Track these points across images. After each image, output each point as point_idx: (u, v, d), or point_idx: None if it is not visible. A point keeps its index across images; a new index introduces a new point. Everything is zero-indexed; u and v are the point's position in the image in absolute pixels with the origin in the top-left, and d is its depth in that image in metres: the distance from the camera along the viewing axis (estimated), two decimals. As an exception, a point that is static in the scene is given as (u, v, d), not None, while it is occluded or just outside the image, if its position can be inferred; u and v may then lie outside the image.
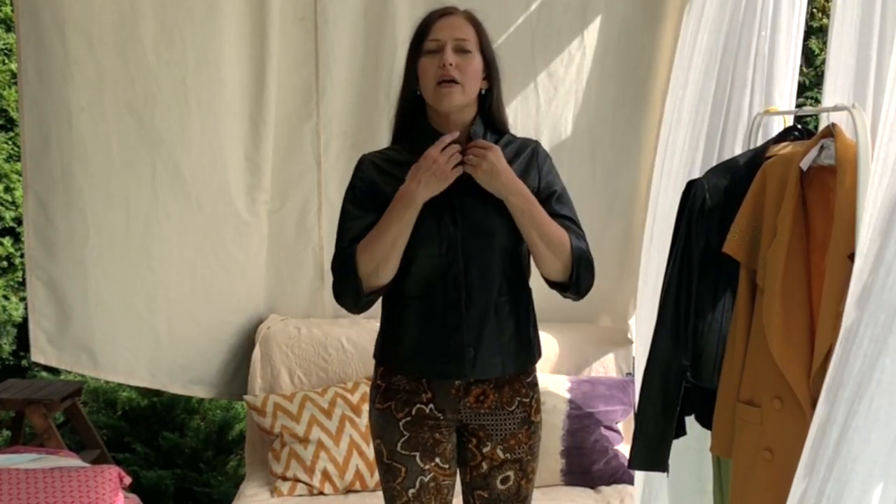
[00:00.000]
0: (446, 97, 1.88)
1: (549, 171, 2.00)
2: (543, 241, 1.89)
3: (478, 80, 1.93)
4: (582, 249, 1.93)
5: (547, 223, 1.89)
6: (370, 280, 1.89)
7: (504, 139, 2.00)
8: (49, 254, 2.91)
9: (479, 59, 1.93)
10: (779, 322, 1.85)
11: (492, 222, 1.91)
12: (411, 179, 1.85)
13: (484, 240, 1.91)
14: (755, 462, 1.90)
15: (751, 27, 2.36)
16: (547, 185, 1.97)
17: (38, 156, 2.86)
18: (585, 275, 1.94)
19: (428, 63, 1.90)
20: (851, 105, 1.87)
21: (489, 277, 1.92)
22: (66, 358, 2.98)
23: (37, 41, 2.78)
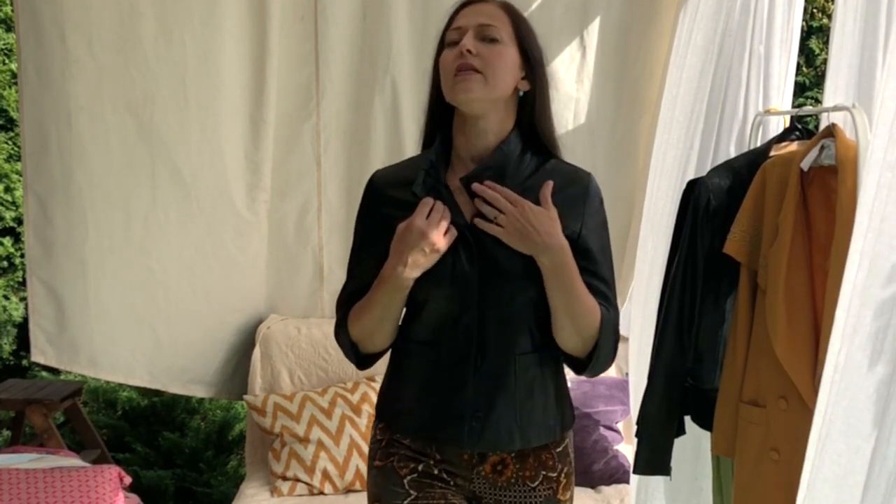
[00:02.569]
0: (462, 88, 1.55)
1: (596, 217, 1.64)
2: (569, 316, 1.57)
3: (509, 75, 1.59)
4: (610, 327, 1.60)
5: (580, 295, 1.56)
6: (365, 345, 1.66)
7: (550, 164, 1.64)
8: (49, 254, 2.90)
9: (512, 52, 1.59)
10: (782, 322, 1.86)
11: (517, 264, 1.56)
12: (396, 257, 1.55)
13: (506, 285, 1.58)
14: (761, 462, 1.90)
15: (745, 27, 2.36)
16: (588, 235, 1.61)
17: (38, 155, 2.85)
18: (604, 358, 1.62)
19: (447, 56, 1.60)
20: (851, 105, 1.87)
21: (510, 329, 1.60)
22: (66, 358, 2.98)
23: (36, 41, 2.78)
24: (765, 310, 1.91)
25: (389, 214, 1.60)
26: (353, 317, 1.63)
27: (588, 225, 1.61)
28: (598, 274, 1.61)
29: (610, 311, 1.60)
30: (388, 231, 1.58)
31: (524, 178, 1.61)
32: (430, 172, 1.61)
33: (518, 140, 1.62)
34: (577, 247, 1.58)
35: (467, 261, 1.57)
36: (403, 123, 3.05)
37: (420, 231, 1.52)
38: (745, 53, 2.38)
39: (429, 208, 1.54)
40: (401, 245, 1.54)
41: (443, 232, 1.54)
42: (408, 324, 1.66)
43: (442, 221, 1.54)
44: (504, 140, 1.61)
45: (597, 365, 1.61)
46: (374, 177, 1.71)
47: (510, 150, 1.61)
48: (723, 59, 2.40)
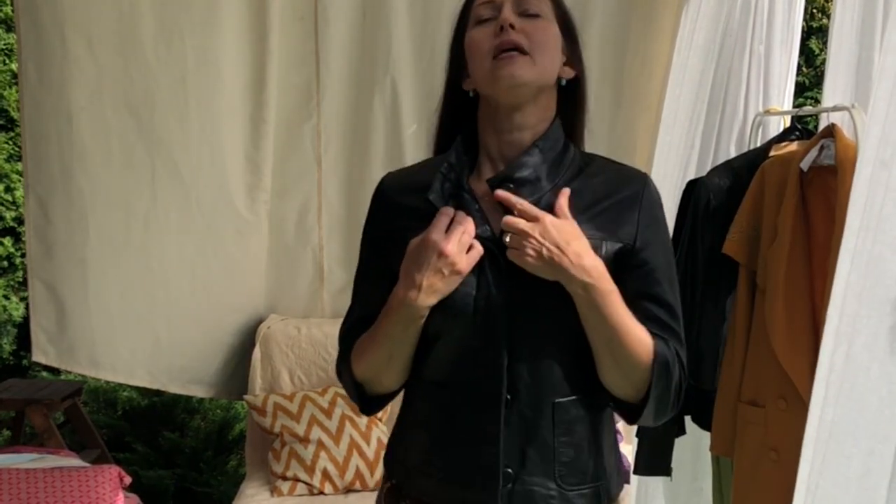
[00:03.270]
0: (507, 72, 1.25)
1: (654, 225, 1.31)
2: (611, 353, 1.25)
3: (555, 56, 1.31)
4: (666, 365, 1.26)
5: (623, 327, 1.23)
6: (372, 386, 1.37)
7: (596, 165, 1.35)
8: (49, 254, 2.90)
9: (556, 30, 1.32)
10: (782, 322, 1.85)
11: (557, 288, 1.24)
12: (407, 280, 1.25)
13: (542, 313, 1.27)
14: (760, 462, 1.90)
15: (746, 27, 2.37)
16: (644, 247, 1.29)
17: (38, 156, 2.85)
18: (660, 405, 1.28)
19: (479, 34, 1.30)
20: (851, 105, 1.87)
21: (546, 368, 1.28)
22: (67, 358, 2.98)
23: (37, 41, 2.78)
24: (764, 310, 1.91)
25: (402, 226, 1.31)
26: (357, 353, 1.34)
27: (644, 235, 1.29)
28: (658, 297, 1.29)
29: (669, 344, 1.27)
30: (399, 246, 1.29)
31: (568, 178, 1.31)
32: (448, 175, 1.32)
33: (559, 136, 1.34)
34: (629, 262, 1.28)
35: (494, 283, 1.26)
36: (403, 123, 3.05)
37: (437, 248, 1.22)
38: (746, 53, 2.38)
39: (448, 219, 1.24)
40: (413, 266, 1.24)
41: (465, 248, 1.23)
42: (418, 359, 1.34)
43: (464, 235, 1.23)
44: (542, 135, 1.31)
45: (650, 414, 1.28)
46: (384, 181, 1.42)
47: (549, 147, 1.31)
48: (723, 59, 2.40)
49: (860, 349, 1.36)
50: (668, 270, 1.32)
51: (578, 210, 1.27)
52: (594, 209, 1.29)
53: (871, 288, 1.35)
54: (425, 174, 1.35)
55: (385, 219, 1.38)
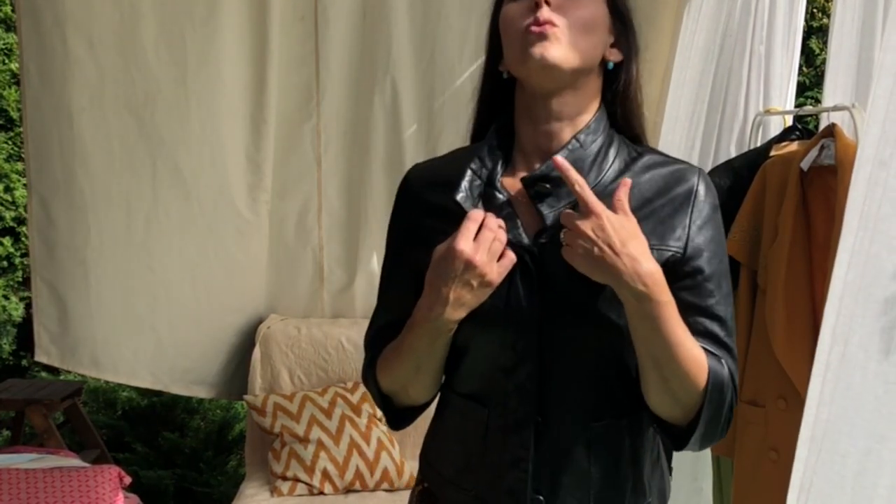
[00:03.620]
0: (537, 48, 1.12)
1: (708, 227, 1.18)
2: (660, 372, 1.11)
3: (598, 36, 1.17)
4: (720, 385, 1.13)
5: (678, 343, 1.10)
6: (399, 399, 1.29)
7: (645, 160, 1.21)
8: (51, 254, 2.91)
9: (600, 8, 1.18)
10: (782, 322, 1.86)
11: (596, 300, 1.13)
12: (433, 293, 1.13)
13: (579, 328, 1.15)
14: (760, 462, 1.90)
15: (746, 27, 2.37)
16: (697, 252, 1.16)
17: (40, 157, 2.86)
18: (710, 429, 1.15)
19: (513, 9, 1.17)
20: (851, 105, 1.87)
21: (583, 388, 1.18)
22: (69, 358, 2.98)
23: (38, 42, 2.78)
24: (765, 310, 1.91)
25: (427, 226, 1.23)
26: (383, 365, 1.26)
27: (696, 239, 1.16)
28: (710, 309, 1.16)
29: (722, 362, 1.15)
30: (425, 246, 1.18)
31: (612, 177, 1.18)
32: (478, 172, 1.20)
33: (602, 127, 1.20)
34: (681, 270, 1.15)
35: (526, 294, 1.15)
36: (403, 123, 3.05)
37: (464, 258, 1.10)
38: (746, 54, 2.38)
39: (476, 225, 1.11)
40: (439, 277, 1.13)
41: (496, 257, 1.12)
42: (450, 369, 1.26)
43: (494, 243, 1.11)
44: (584, 127, 1.19)
45: (697, 439, 1.15)
46: (411, 174, 1.31)
47: (591, 140, 1.19)
48: (723, 59, 2.40)
49: (856, 348, 1.36)
50: (722, 280, 1.18)
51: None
52: (641, 212, 1.15)
53: (867, 287, 1.35)
54: (455, 167, 1.22)
55: (410, 216, 1.28)
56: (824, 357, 1.37)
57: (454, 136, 3.05)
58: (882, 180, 1.30)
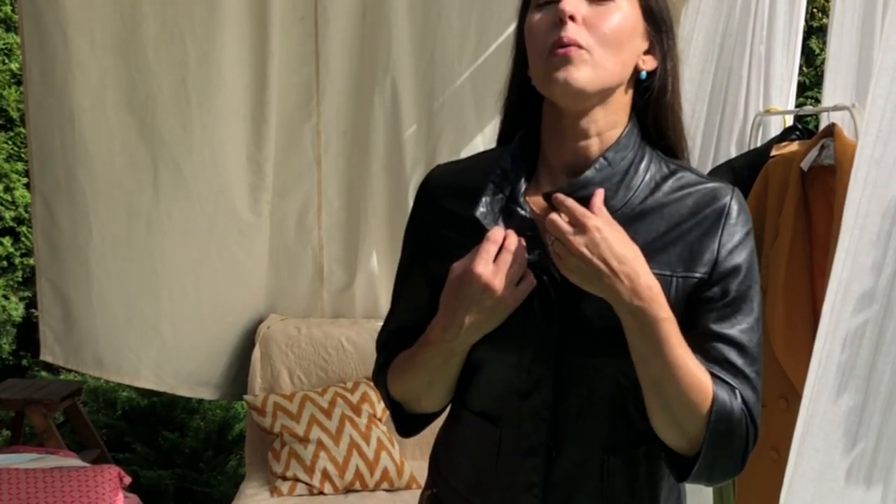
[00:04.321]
0: (561, 75, 1.05)
1: (739, 249, 1.10)
2: (658, 395, 1.07)
3: (628, 49, 1.09)
4: (727, 416, 1.06)
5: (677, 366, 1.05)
6: (411, 407, 1.26)
7: (677, 178, 1.13)
8: (55, 255, 2.91)
9: (633, 14, 1.09)
10: (782, 322, 1.86)
11: (614, 325, 1.07)
12: (448, 315, 1.10)
13: (597, 353, 1.11)
14: (761, 461, 1.90)
15: (746, 27, 2.37)
16: (722, 276, 1.09)
17: (43, 157, 2.87)
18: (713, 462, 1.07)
19: (538, 21, 1.09)
20: (852, 105, 1.87)
21: (600, 415, 1.13)
22: (73, 358, 2.99)
23: (40, 43, 2.79)
24: (765, 310, 1.92)
25: (444, 236, 1.18)
26: (395, 374, 1.23)
27: (725, 262, 1.09)
28: (730, 336, 1.08)
29: (736, 392, 1.07)
30: (441, 256, 1.15)
31: (642, 197, 1.11)
32: (500, 186, 1.14)
33: (634, 143, 1.13)
34: (704, 294, 1.09)
35: (544, 316, 1.10)
36: (403, 123, 3.06)
37: (482, 282, 1.05)
38: (746, 54, 2.38)
39: (496, 247, 1.06)
40: (454, 299, 1.09)
41: (515, 280, 1.07)
42: (462, 384, 1.22)
43: (514, 266, 1.06)
44: (613, 144, 1.11)
45: (703, 472, 1.08)
46: (431, 178, 1.25)
47: (620, 158, 1.11)
48: (723, 59, 2.40)
49: (839, 346, 1.36)
50: (748, 307, 1.10)
51: (649, 237, 1.09)
52: (670, 235, 1.09)
53: (849, 282, 1.36)
54: (478, 176, 1.16)
55: (428, 222, 1.22)
56: (818, 354, 1.38)
57: (454, 136, 3.05)
58: (873, 178, 1.31)
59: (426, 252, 1.21)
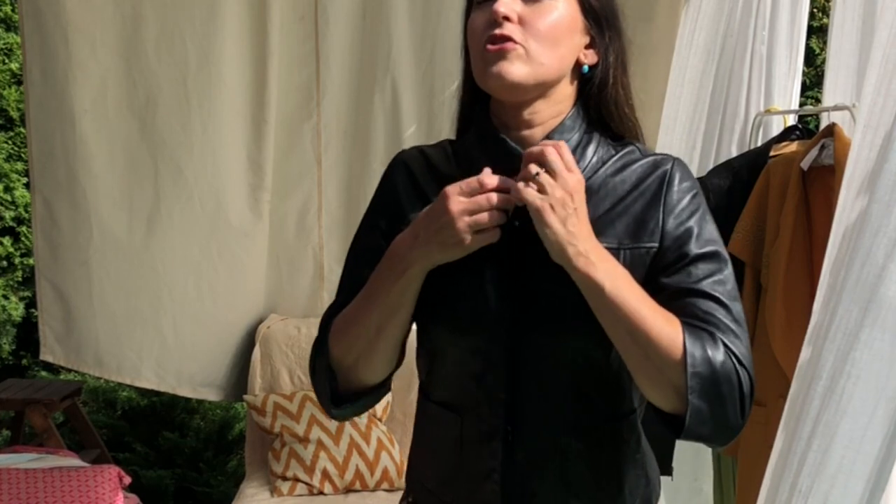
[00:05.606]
0: (494, 70, 1.08)
1: (685, 211, 1.12)
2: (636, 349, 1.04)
3: (563, 44, 1.11)
4: (707, 359, 1.04)
5: (642, 312, 1.04)
6: (349, 377, 1.17)
7: (621, 156, 1.16)
8: (55, 255, 2.91)
9: (570, 10, 1.12)
10: (781, 321, 1.86)
11: (568, 299, 1.07)
12: (410, 230, 1.10)
13: (552, 332, 1.11)
14: (761, 461, 1.90)
15: (747, 27, 2.37)
16: (675, 240, 1.11)
17: (44, 158, 2.87)
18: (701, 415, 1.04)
19: (477, 19, 1.12)
20: (851, 105, 1.87)
21: (557, 396, 1.13)
22: (73, 358, 2.99)
23: (41, 43, 2.79)
24: (765, 310, 1.92)
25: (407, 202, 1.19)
26: (339, 327, 1.17)
27: (672, 227, 1.11)
28: (701, 290, 1.08)
29: (715, 340, 1.05)
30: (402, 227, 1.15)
31: (588, 177, 1.13)
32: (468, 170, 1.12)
33: (579, 127, 1.15)
34: (665, 260, 1.10)
35: (497, 296, 1.11)
36: (403, 123, 3.06)
37: (446, 205, 1.05)
38: (747, 54, 2.38)
39: (479, 185, 1.05)
40: (425, 217, 1.08)
41: (479, 223, 1.04)
42: (426, 376, 1.22)
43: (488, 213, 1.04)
44: (558, 126, 1.14)
45: (699, 423, 1.04)
46: (403, 154, 1.27)
47: (566, 139, 1.13)
48: (724, 59, 2.40)
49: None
50: (712, 261, 1.10)
51: (597, 214, 1.10)
52: (616, 210, 1.12)
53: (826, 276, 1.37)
54: (443, 159, 1.23)
55: (398, 200, 1.21)
56: (809, 352, 1.38)
57: (454, 136, 3.05)
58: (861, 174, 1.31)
59: (384, 222, 1.20)
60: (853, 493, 1.23)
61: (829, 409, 1.24)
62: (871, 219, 1.22)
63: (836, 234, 1.33)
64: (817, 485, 1.24)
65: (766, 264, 1.94)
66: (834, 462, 1.24)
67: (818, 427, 1.25)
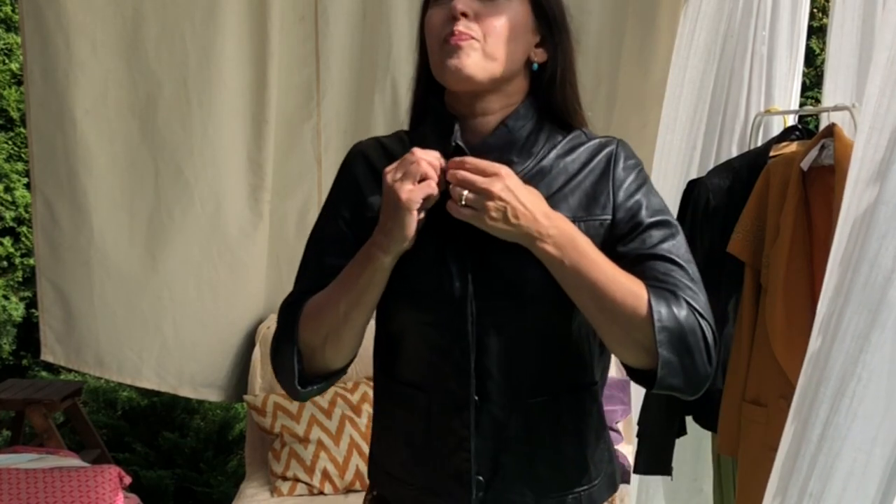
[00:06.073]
0: (452, 64, 1.15)
1: (631, 185, 1.21)
2: (603, 311, 1.11)
3: (516, 43, 1.19)
4: (671, 314, 1.10)
5: (603, 277, 1.11)
6: (314, 359, 1.22)
7: (570, 140, 1.24)
8: (56, 255, 2.91)
9: (523, 10, 1.19)
10: (781, 321, 1.86)
11: (527, 271, 1.15)
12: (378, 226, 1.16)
13: (513, 304, 1.17)
14: (761, 461, 1.91)
15: (748, 28, 2.37)
16: (627, 211, 1.19)
17: (44, 158, 2.87)
18: (683, 359, 1.11)
19: (435, 16, 1.20)
20: (851, 105, 1.87)
21: (519, 366, 1.19)
22: (74, 358, 2.99)
23: (41, 44, 2.79)
24: (765, 310, 1.92)
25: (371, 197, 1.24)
26: (309, 313, 1.21)
27: (623, 199, 1.19)
28: (658, 253, 1.15)
29: (677, 297, 1.12)
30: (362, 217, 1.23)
31: (539, 158, 1.21)
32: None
33: (530, 113, 1.22)
34: (620, 231, 1.18)
35: (459, 274, 1.17)
36: (403, 124, 3.03)
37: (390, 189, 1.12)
38: (747, 55, 2.38)
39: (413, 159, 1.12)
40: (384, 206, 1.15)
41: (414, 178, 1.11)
42: (390, 358, 1.27)
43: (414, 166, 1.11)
44: (512, 113, 1.21)
45: (669, 374, 1.10)
46: (361, 144, 1.34)
47: (521, 126, 1.21)
48: (724, 60, 2.40)
49: None
50: (665, 227, 1.18)
51: (550, 192, 1.18)
52: (568, 187, 1.20)
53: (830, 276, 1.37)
54: (398, 146, 1.29)
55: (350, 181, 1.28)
56: (816, 355, 1.38)
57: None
58: (865, 176, 1.31)
59: (346, 211, 1.26)
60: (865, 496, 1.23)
61: (840, 412, 1.25)
62: (879, 222, 1.22)
63: (841, 234, 1.33)
64: (829, 488, 1.25)
65: (766, 264, 1.94)
66: (845, 465, 1.24)
67: (828, 430, 1.26)
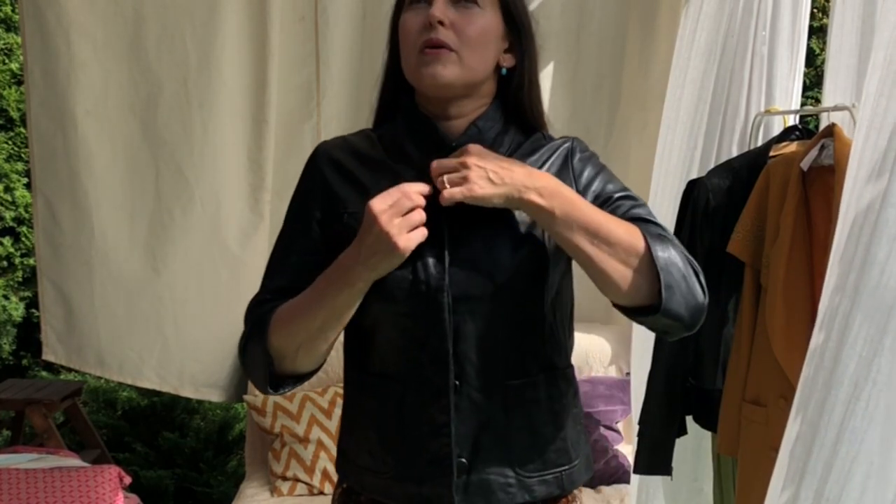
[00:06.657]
0: (429, 72, 1.20)
1: (591, 172, 1.29)
2: (598, 244, 1.16)
3: (489, 49, 1.24)
4: (661, 237, 1.19)
5: (597, 217, 1.17)
6: (284, 364, 1.24)
7: (531, 141, 1.31)
8: (57, 255, 2.92)
9: (494, 19, 1.25)
10: (781, 321, 1.86)
11: (500, 260, 1.21)
12: (356, 243, 1.17)
13: (489, 290, 1.21)
14: (761, 461, 1.90)
15: (748, 28, 2.36)
16: (594, 193, 1.26)
17: (45, 158, 2.88)
18: (680, 280, 1.17)
19: (410, 21, 1.23)
20: (852, 105, 1.87)
21: (495, 348, 1.23)
22: (75, 357, 3.00)
23: (42, 44, 2.79)
24: (765, 309, 1.91)
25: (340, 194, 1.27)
26: (282, 319, 1.22)
27: (586, 183, 1.27)
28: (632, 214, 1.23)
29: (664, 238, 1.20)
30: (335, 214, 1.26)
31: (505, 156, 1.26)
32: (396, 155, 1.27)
33: (498, 115, 1.29)
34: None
35: (435, 265, 1.20)
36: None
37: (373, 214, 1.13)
38: (748, 55, 2.38)
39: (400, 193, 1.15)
40: (363, 230, 1.16)
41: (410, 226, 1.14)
42: (361, 351, 1.29)
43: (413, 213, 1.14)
44: (482, 114, 1.27)
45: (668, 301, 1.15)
46: (325, 144, 1.35)
47: (489, 126, 1.27)
48: (725, 60, 2.40)
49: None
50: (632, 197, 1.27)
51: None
52: None
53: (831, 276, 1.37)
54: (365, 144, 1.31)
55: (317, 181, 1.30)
56: (825, 358, 1.38)
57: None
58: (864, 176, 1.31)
59: (317, 211, 1.28)
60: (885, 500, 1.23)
61: (856, 416, 1.24)
62: (888, 224, 1.21)
63: (841, 233, 1.33)
64: (847, 492, 1.24)
65: (766, 264, 1.94)
66: (863, 469, 1.24)
67: (844, 434, 1.25)
